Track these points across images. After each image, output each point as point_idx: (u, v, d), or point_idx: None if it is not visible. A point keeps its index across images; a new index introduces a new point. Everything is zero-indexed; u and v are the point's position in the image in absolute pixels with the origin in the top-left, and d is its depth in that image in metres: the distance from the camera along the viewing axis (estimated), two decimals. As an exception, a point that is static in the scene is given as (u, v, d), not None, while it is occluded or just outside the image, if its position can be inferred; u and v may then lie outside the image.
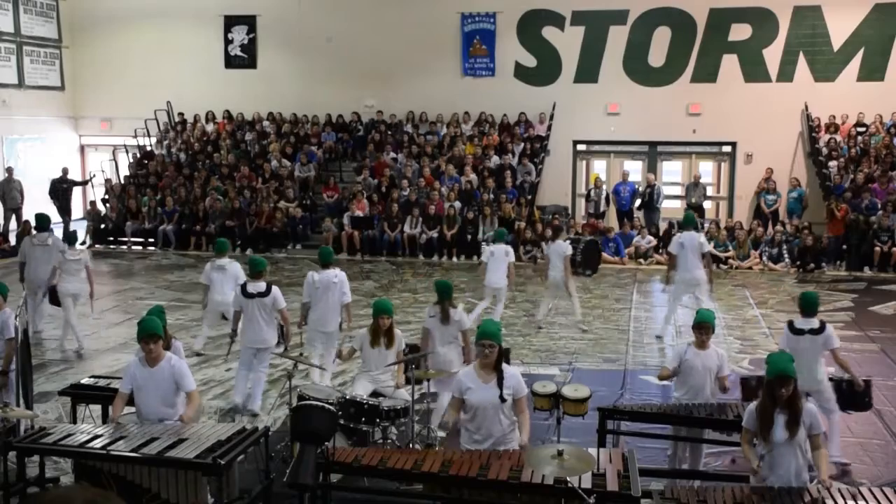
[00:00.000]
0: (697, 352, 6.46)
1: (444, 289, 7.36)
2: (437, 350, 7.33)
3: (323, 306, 8.57)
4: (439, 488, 5.23)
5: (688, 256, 10.70)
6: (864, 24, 18.37)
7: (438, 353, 7.33)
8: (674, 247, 10.95)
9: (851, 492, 4.88)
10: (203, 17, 21.53)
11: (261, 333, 8.20)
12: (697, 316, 6.56)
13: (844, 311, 12.80)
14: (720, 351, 6.60)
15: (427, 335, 7.42)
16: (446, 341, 7.38)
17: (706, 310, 6.82)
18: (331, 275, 8.60)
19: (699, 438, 6.58)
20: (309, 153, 19.90)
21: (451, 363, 7.29)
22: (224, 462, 5.30)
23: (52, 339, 11.06)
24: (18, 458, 6.05)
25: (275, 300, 8.19)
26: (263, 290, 8.15)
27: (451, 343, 7.39)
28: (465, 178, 18.34)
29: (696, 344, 6.49)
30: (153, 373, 5.82)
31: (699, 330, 6.45)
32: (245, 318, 8.28)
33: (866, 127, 18.47)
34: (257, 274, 8.25)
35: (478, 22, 20.17)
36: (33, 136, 21.50)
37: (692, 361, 6.45)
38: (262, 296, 8.14)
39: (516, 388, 5.43)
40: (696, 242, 10.75)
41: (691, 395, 6.49)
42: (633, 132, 19.48)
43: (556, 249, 11.58)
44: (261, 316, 8.17)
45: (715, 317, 6.64)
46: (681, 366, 6.50)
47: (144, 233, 18.86)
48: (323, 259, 8.73)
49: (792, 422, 4.92)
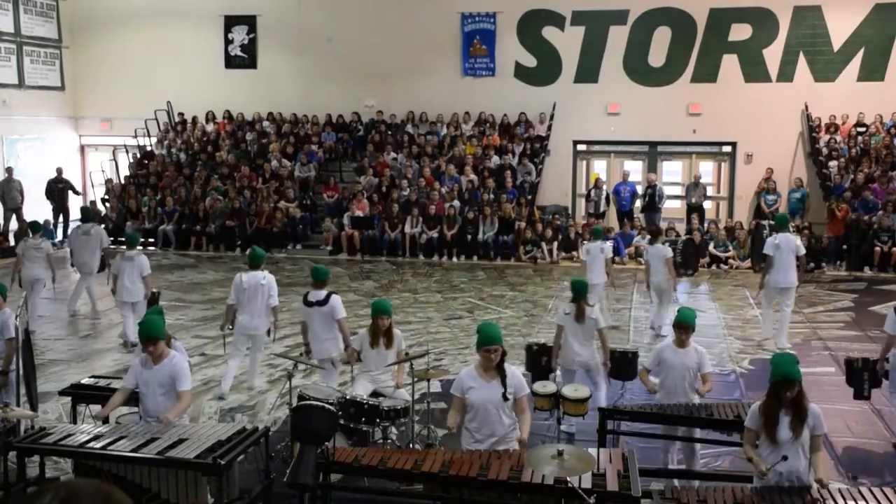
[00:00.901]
0: (677, 350, 6.46)
1: (581, 288, 7.65)
2: (574, 348, 7.61)
3: (250, 309, 8.59)
4: (439, 488, 5.23)
5: (783, 259, 10.36)
6: (865, 24, 18.36)
7: (575, 351, 7.61)
8: (769, 248, 10.55)
9: (851, 492, 4.88)
10: (203, 17, 21.53)
11: (320, 344, 7.92)
12: (678, 315, 6.53)
13: (844, 311, 12.80)
14: (700, 349, 6.55)
15: (560, 332, 7.70)
16: (582, 339, 7.64)
17: (687, 309, 6.80)
18: (258, 276, 8.59)
19: (693, 438, 6.57)
20: (309, 153, 19.91)
21: (588, 361, 7.66)
22: (224, 462, 5.30)
23: (52, 339, 11.07)
24: (18, 458, 6.05)
25: (333, 310, 7.86)
26: (322, 299, 7.88)
27: (588, 341, 7.66)
28: (465, 178, 18.34)
29: (675, 342, 6.49)
30: (156, 371, 5.84)
31: (679, 329, 6.44)
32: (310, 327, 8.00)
33: (866, 127, 18.47)
34: (320, 283, 7.97)
35: (478, 22, 20.17)
36: (33, 136, 21.50)
37: (671, 360, 6.46)
38: (320, 304, 7.88)
39: (518, 388, 5.44)
40: (793, 245, 10.43)
41: (670, 393, 6.46)
42: (633, 132, 19.48)
43: (656, 253, 11.17)
44: (320, 326, 7.91)
45: (695, 316, 6.59)
46: (660, 364, 6.50)
47: (144, 233, 18.83)
48: (252, 260, 8.71)
49: (797, 422, 4.92)
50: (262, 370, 9.66)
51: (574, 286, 7.70)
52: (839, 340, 11.02)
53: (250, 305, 8.58)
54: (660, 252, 11.14)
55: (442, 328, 11.72)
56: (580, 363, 7.69)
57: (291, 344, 10.76)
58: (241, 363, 9.10)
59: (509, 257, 17.05)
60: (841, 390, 9.04)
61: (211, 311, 12.68)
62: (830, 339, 11.11)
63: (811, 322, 12.08)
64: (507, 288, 14.55)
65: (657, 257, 11.12)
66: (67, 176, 20.24)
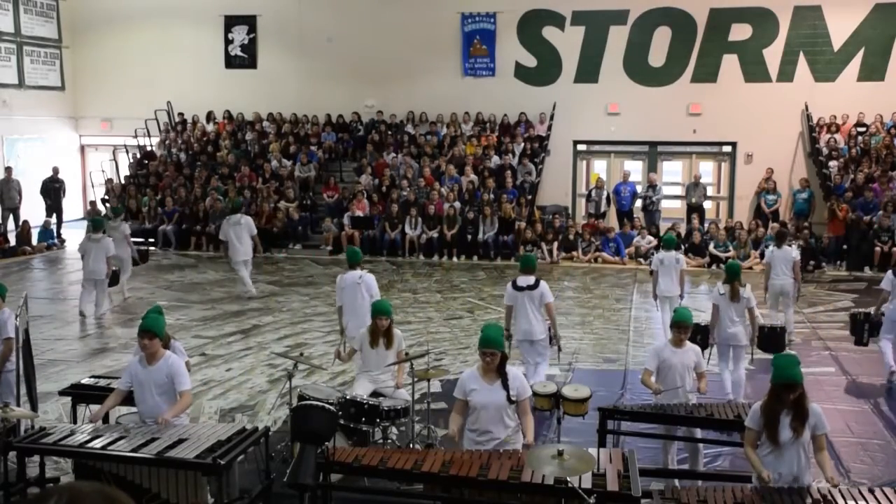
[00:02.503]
0: (675, 350, 6.54)
1: (735, 268, 8.52)
2: (726, 327, 8.41)
3: (352, 307, 8.67)
4: (439, 488, 5.23)
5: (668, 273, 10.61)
6: (865, 24, 18.36)
7: (726, 330, 8.41)
8: (654, 263, 10.88)
9: (851, 492, 4.88)
10: (203, 17, 21.54)
11: (529, 325, 8.42)
12: (676, 315, 6.65)
13: (845, 311, 12.77)
14: (696, 348, 6.69)
15: (715, 311, 8.48)
16: (734, 317, 8.38)
17: (684, 308, 6.91)
18: (355, 276, 8.74)
19: (693, 438, 6.58)
20: (309, 153, 19.91)
21: (738, 337, 8.40)
22: (224, 462, 5.30)
23: (52, 339, 11.07)
24: (18, 458, 6.05)
25: (542, 294, 8.45)
26: (532, 284, 8.47)
27: (740, 319, 8.41)
28: (465, 178, 18.34)
29: (673, 342, 6.58)
30: (151, 371, 5.84)
31: (677, 329, 6.55)
32: (515, 312, 8.49)
33: (866, 127, 18.47)
34: (529, 269, 8.63)
35: (478, 22, 20.17)
36: (33, 136, 21.51)
37: (670, 360, 6.52)
38: (530, 289, 8.43)
39: (520, 390, 5.44)
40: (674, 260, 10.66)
41: (669, 393, 6.49)
42: (633, 132, 19.48)
43: (782, 255, 10.71)
44: (530, 309, 8.42)
45: (692, 316, 6.74)
46: (660, 364, 6.54)
47: (144, 233, 18.85)
48: (350, 259, 8.96)
49: (797, 422, 4.92)
50: (261, 370, 9.68)
51: (728, 268, 8.58)
52: (839, 340, 11.02)
53: (351, 304, 8.71)
54: (787, 254, 10.75)
55: (442, 328, 11.72)
56: (731, 336, 8.38)
57: (291, 344, 10.77)
58: None
59: (509, 257, 17.04)
60: (841, 390, 9.05)
61: (211, 311, 12.68)
62: (830, 339, 11.11)
63: (811, 322, 12.08)
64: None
65: (784, 260, 10.71)
66: (68, 176, 20.24)
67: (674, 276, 10.66)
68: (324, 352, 10.32)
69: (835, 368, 9.83)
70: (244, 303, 13.17)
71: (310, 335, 11.27)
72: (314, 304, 13.18)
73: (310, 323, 11.95)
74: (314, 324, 11.89)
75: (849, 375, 9.57)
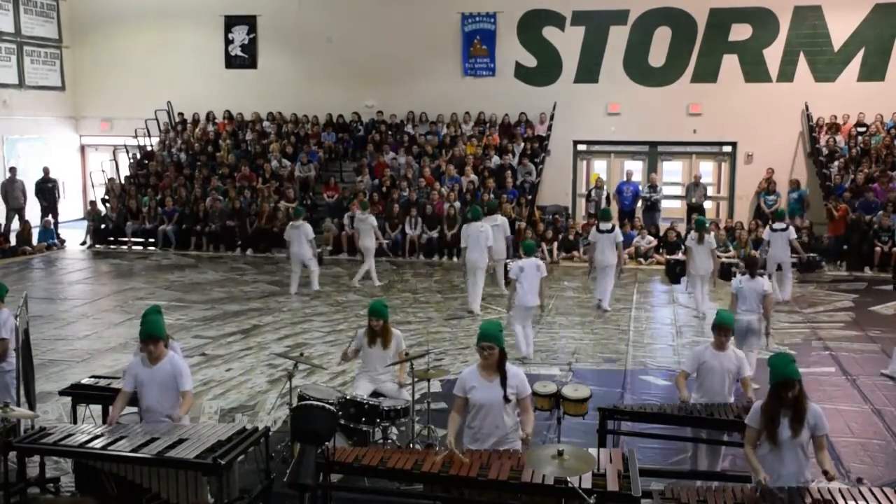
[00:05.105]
0: (716, 353, 6.42)
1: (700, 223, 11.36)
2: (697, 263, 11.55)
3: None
4: (439, 488, 5.23)
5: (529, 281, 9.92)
6: (865, 24, 18.37)
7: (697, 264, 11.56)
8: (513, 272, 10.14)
9: (852, 492, 4.87)
10: (203, 17, 21.54)
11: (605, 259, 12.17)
12: (717, 317, 6.50)
13: (845, 311, 12.79)
14: (739, 352, 6.54)
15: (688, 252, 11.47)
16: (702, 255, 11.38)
17: (726, 311, 6.77)
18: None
19: (693, 438, 6.56)
20: (309, 153, 19.91)
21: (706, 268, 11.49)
22: (224, 462, 5.30)
23: (52, 339, 11.07)
24: (18, 458, 6.05)
25: (616, 234, 12.24)
26: (609, 229, 12.16)
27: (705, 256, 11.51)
28: (465, 179, 18.33)
29: (714, 345, 6.45)
30: (154, 371, 5.83)
31: (719, 331, 6.41)
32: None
33: (867, 127, 18.47)
34: (606, 219, 12.49)
35: (478, 22, 20.18)
36: (34, 136, 21.51)
37: (710, 363, 6.41)
38: (609, 232, 12.19)
39: (520, 388, 5.42)
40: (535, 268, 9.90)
41: (709, 396, 6.44)
42: (633, 132, 19.49)
43: (752, 287, 9.82)
44: (606, 246, 12.07)
45: (734, 320, 6.58)
46: (699, 368, 6.48)
47: (145, 233, 18.86)
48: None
49: (796, 421, 4.92)
50: (261, 370, 9.68)
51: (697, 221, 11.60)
52: (839, 340, 11.02)
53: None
54: (758, 286, 9.69)
55: (442, 328, 11.72)
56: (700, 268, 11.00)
57: (291, 344, 10.77)
58: None
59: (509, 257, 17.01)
60: (841, 390, 9.05)
61: (211, 311, 12.68)
62: (830, 339, 11.11)
63: (811, 322, 12.08)
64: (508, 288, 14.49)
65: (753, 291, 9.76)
66: (67, 176, 20.24)
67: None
68: (324, 352, 10.33)
69: (835, 368, 9.83)
70: (244, 303, 13.18)
71: (310, 335, 11.27)
72: (314, 304, 13.18)
73: (310, 323, 11.95)
74: (314, 324, 11.89)
75: (849, 375, 9.57)
